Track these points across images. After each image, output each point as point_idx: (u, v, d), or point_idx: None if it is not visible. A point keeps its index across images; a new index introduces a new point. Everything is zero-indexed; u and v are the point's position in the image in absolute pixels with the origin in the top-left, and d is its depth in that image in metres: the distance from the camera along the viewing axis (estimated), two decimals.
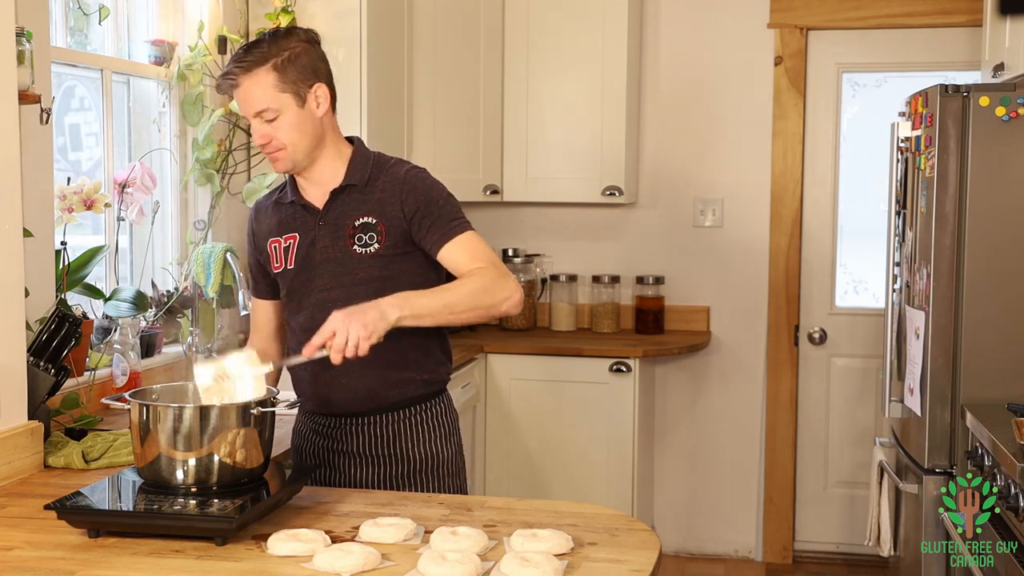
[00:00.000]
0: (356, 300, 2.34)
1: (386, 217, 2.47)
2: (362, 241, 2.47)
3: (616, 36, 4.64)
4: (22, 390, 2.45)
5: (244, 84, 2.41)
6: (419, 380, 2.54)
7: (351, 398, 2.51)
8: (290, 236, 2.54)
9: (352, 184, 2.49)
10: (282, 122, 2.43)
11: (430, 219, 2.46)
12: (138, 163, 3.39)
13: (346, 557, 1.83)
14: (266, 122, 2.43)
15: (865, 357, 4.84)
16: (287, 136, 2.44)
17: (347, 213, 2.49)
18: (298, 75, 2.43)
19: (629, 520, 2.10)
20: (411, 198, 2.47)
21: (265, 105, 2.41)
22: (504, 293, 2.41)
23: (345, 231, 2.48)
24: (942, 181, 3.36)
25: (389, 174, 2.51)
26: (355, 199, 2.49)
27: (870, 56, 4.80)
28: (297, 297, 2.55)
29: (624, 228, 4.98)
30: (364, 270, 2.47)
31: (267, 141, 2.44)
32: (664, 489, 5.01)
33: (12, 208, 2.42)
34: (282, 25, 3.82)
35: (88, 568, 1.84)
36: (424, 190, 2.48)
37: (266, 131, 2.43)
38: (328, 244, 2.49)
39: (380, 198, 2.48)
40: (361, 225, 2.47)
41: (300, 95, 2.43)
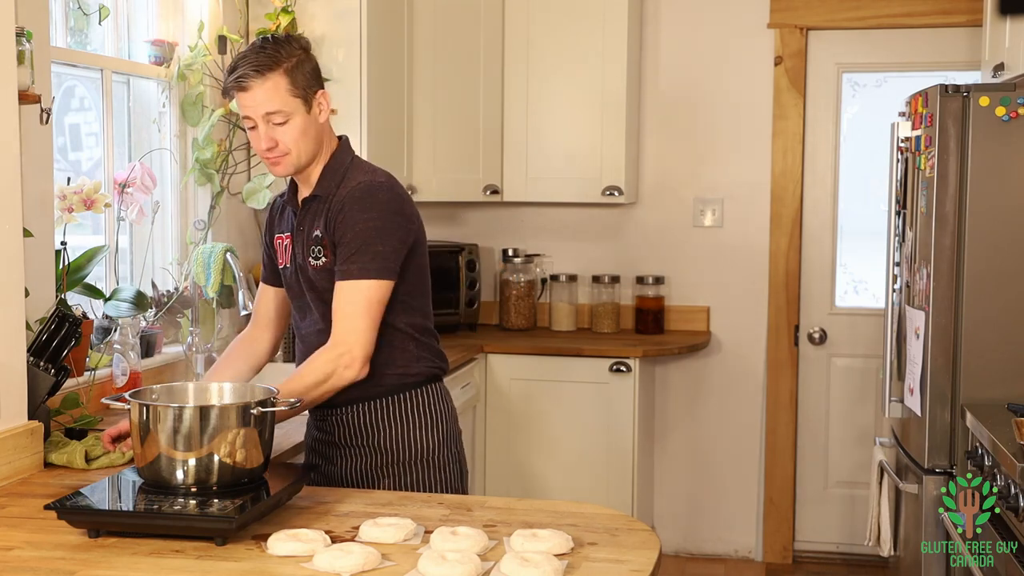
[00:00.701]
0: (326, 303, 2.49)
1: (328, 232, 2.49)
2: (314, 253, 2.51)
3: (616, 36, 4.64)
4: (22, 390, 2.45)
5: (255, 87, 2.41)
6: (392, 374, 2.55)
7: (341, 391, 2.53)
8: (287, 235, 2.61)
9: (317, 195, 2.52)
10: (290, 127, 2.44)
11: (340, 248, 2.46)
12: (138, 163, 3.39)
13: (346, 557, 1.83)
14: (274, 125, 2.43)
15: (865, 357, 4.84)
16: (293, 142, 2.45)
17: (310, 223, 2.53)
18: (305, 80, 2.45)
19: (629, 520, 2.10)
20: (339, 218, 2.47)
21: (277, 108, 2.41)
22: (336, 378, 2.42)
23: (307, 241, 2.53)
24: (942, 181, 3.36)
25: (344, 186, 2.50)
26: (318, 210, 2.52)
27: (870, 56, 4.80)
28: (289, 293, 2.66)
29: (624, 228, 4.98)
30: (319, 280, 2.52)
31: (273, 145, 2.44)
32: (664, 489, 5.01)
33: (12, 208, 2.42)
34: (282, 25, 3.82)
35: (88, 568, 1.84)
36: (351, 216, 2.45)
37: (272, 135, 2.44)
38: (299, 251, 2.56)
39: (329, 210, 2.50)
40: (314, 237, 2.51)
41: (308, 101, 2.45)
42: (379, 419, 2.56)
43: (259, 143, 2.46)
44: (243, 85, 2.41)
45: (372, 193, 2.48)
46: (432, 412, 2.62)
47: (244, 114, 2.46)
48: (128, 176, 3.32)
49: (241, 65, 2.42)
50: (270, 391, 2.19)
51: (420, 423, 2.59)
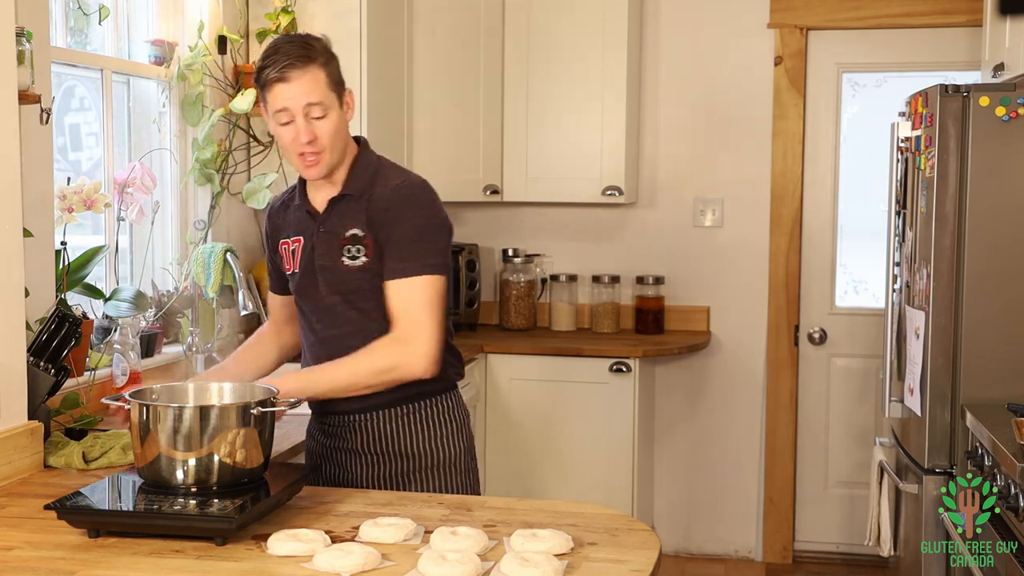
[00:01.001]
0: (354, 306, 2.44)
1: (372, 231, 2.44)
2: (351, 253, 2.44)
3: (616, 36, 4.64)
4: (22, 390, 2.45)
5: (297, 78, 2.35)
6: (424, 381, 2.48)
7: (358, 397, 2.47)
8: (296, 239, 2.54)
9: (348, 194, 2.46)
10: (328, 122, 2.39)
11: (390, 248, 2.42)
12: (138, 163, 3.39)
13: (346, 557, 1.83)
14: (313, 119, 2.37)
15: (865, 357, 4.84)
16: (329, 137, 2.39)
17: (341, 222, 2.46)
18: (337, 76, 2.42)
19: (629, 520, 2.10)
20: (387, 217, 2.43)
21: (319, 99, 2.36)
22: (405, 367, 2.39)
23: (338, 240, 2.46)
24: (942, 181, 3.36)
25: (382, 185, 2.46)
26: (351, 208, 2.46)
27: (870, 56, 4.80)
28: (302, 300, 2.56)
29: (624, 228, 4.98)
30: (353, 281, 2.45)
31: (313, 139, 2.37)
32: (664, 489, 5.01)
33: (12, 208, 2.42)
34: (282, 25, 3.82)
35: (88, 568, 1.84)
36: (401, 215, 2.42)
37: (312, 129, 2.37)
38: (324, 252, 2.48)
39: (370, 209, 2.44)
40: (351, 236, 2.45)
41: (340, 97, 2.42)
42: (408, 424, 2.51)
43: (297, 137, 2.38)
44: (285, 76, 2.34)
45: (417, 192, 2.46)
46: (456, 417, 2.59)
47: (281, 107, 2.37)
48: (128, 176, 3.32)
49: (279, 57, 2.35)
50: (270, 391, 2.19)
51: (447, 428, 2.55)
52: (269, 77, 2.36)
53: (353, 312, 2.47)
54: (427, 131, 4.46)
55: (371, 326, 2.45)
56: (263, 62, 2.39)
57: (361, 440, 2.53)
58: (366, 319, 2.46)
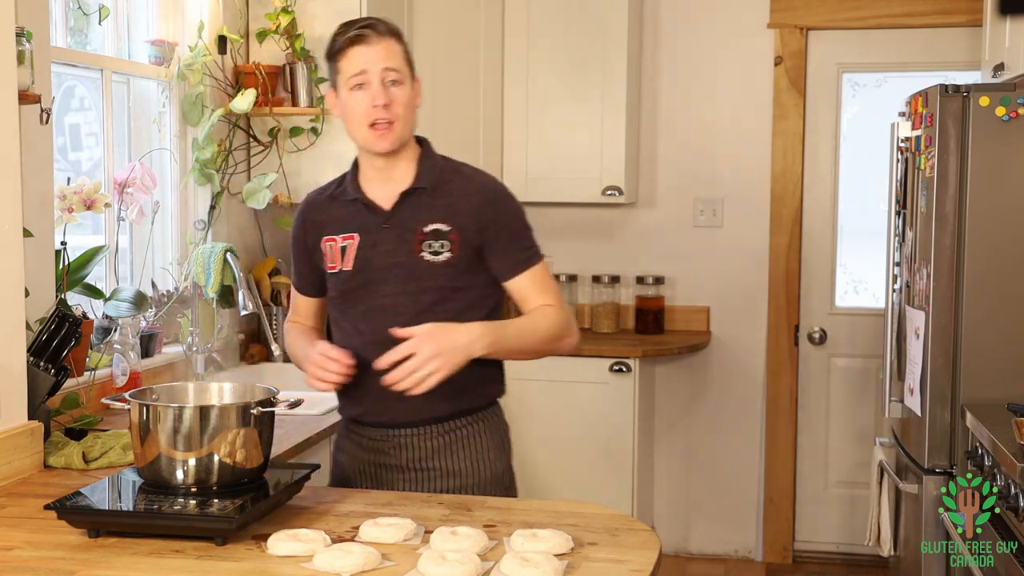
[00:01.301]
0: (423, 308, 2.34)
1: (459, 226, 2.36)
2: (432, 248, 2.35)
3: (616, 36, 4.64)
4: (22, 390, 2.45)
5: (377, 43, 2.31)
6: (474, 391, 2.45)
7: (404, 408, 2.37)
8: (349, 236, 2.41)
9: (422, 187, 2.38)
10: (402, 93, 2.34)
11: (504, 243, 2.38)
12: (138, 163, 3.39)
13: (346, 557, 1.83)
14: (389, 84, 2.32)
15: (865, 357, 4.84)
16: (402, 107, 2.34)
17: (416, 217, 2.36)
18: (410, 60, 2.39)
19: (629, 520, 2.10)
20: (489, 214, 2.37)
21: (397, 65, 2.33)
22: (570, 339, 2.44)
23: (413, 236, 2.35)
24: (942, 181, 3.36)
25: (465, 180, 2.41)
26: (425, 202, 2.37)
27: (870, 56, 4.80)
28: (353, 300, 2.42)
29: (624, 228, 4.98)
30: (432, 278, 2.35)
31: (388, 102, 2.31)
32: (664, 489, 5.01)
33: (12, 208, 2.42)
34: (282, 25, 3.82)
35: (88, 568, 1.84)
36: (503, 208, 2.41)
37: (388, 94, 2.31)
38: (394, 248, 2.37)
39: (453, 204, 2.37)
40: (432, 231, 2.35)
41: (412, 77, 2.39)
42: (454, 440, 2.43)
43: (373, 101, 2.31)
44: (365, 37, 2.30)
45: (500, 185, 2.47)
46: (499, 432, 2.53)
47: (359, 69, 2.31)
48: (128, 176, 3.32)
49: (356, 24, 2.33)
50: (270, 391, 2.19)
51: (491, 443, 2.49)
52: (348, 38, 2.32)
53: (418, 315, 2.33)
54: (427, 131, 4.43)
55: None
56: (338, 32, 2.35)
57: (406, 456, 2.42)
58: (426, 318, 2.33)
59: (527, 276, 2.42)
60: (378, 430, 2.44)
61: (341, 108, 2.38)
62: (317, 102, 3.89)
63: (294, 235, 2.52)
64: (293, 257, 2.55)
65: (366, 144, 2.37)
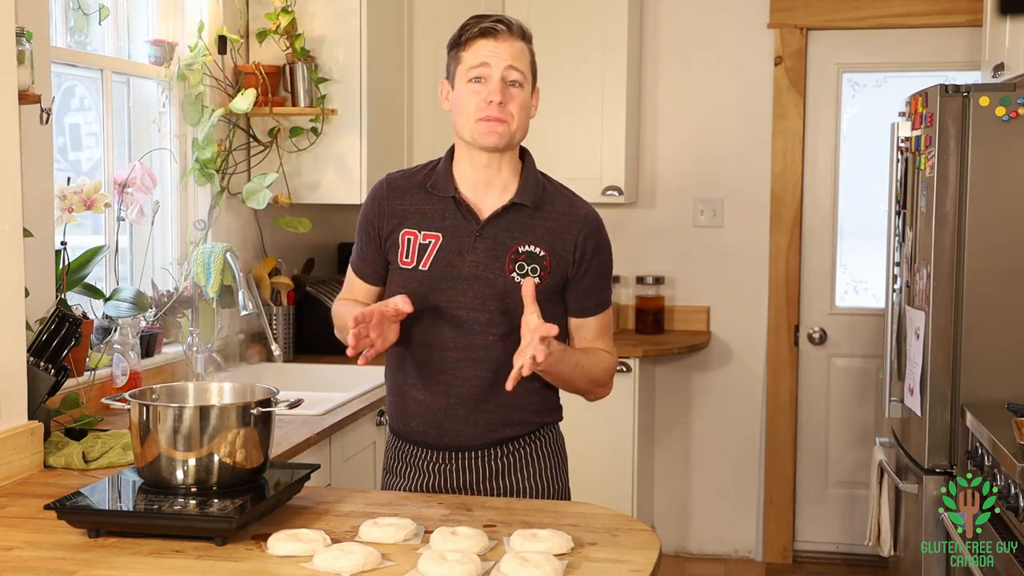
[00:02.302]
0: (499, 328, 2.24)
1: (555, 253, 2.27)
2: (523, 271, 2.25)
3: (616, 36, 4.65)
4: (22, 390, 2.45)
5: (507, 41, 2.23)
6: (536, 422, 2.37)
7: (469, 432, 2.31)
8: (432, 235, 2.28)
9: (523, 204, 2.28)
10: (521, 94, 2.25)
11: (591, 280, 2.31)
12: (138, 163, 3.39)
13: (346, 557, 1.83)
14: (509, 84, 2.23)
15: (865, 357, 4.84)
16: (518, 110, 2.24)
17: (511, 234, 2.27)
18: (535, 68, 2.32)
19: (629, 520, 2.10)
20: (590, 248, 2.30)
21: (522, 66, 2.24)
22: (604, 391, 2.38)
23: (505, 253, 2.25)
24: (942, 181, 3.36)
25: (566, 205, 2.31)
26: (523, 222, 2.27)
27: (870, 56, 4.80)
28: (421, 303, 2.25)
29: (624, 228, 4.98)
30: (516, 301, 2.21)
31: (504, 101, 2.22)
32: (664, 489, 5.01)
33: (12, 208, 2.42)
34: (282, 25, 3.82)
35: (88, 568, 1.84)
36: (602, 245, 2.34)
37: (506, 92, 2.23)
38: (482, 260, 2.26)
39: (552, 229, 2.28)
40: (525, 253, 2.26)
41: (533, 85, 2.31)
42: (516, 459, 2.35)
43: (488, 95, 2.22)
44: (496, 32, 2.22)
45: (600, 218, 2.37)
46: (560, 450, 2.44)
47: (482, 61, 2.23)
48: (128, 176, 3.32)
49: (490, 17, 2.25)
50: (270, 391, 2.19)
51: (551, 461, 2.39)
52: (480, 29, 2.23)
53: (493, 335, 2.26)
54: (427, 131, 4.46)
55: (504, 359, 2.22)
56: (469, 22, 2.27)
57: (468, 478, 2.33)
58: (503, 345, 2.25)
59: (599, 319, 2.35)
60: (436, 452, 2.34)
61: (454, 99, 2.29)
62: (317, 102, 3.89)
63: (366, 216, 2.36)
64: (360, 237, 2.37)
65: (473, 137, 2.25)
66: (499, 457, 2.34)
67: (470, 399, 2.29)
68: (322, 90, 3.91)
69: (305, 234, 4.11)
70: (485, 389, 2.29)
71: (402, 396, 2.37)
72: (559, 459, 2.42)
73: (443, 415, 2.31)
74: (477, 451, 2.33)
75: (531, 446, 2.36)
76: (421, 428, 2.34)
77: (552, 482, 2.38)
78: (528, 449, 2.36)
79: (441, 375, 2.30)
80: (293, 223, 3.95)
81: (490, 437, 2.32)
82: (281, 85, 3.92)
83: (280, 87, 3.92)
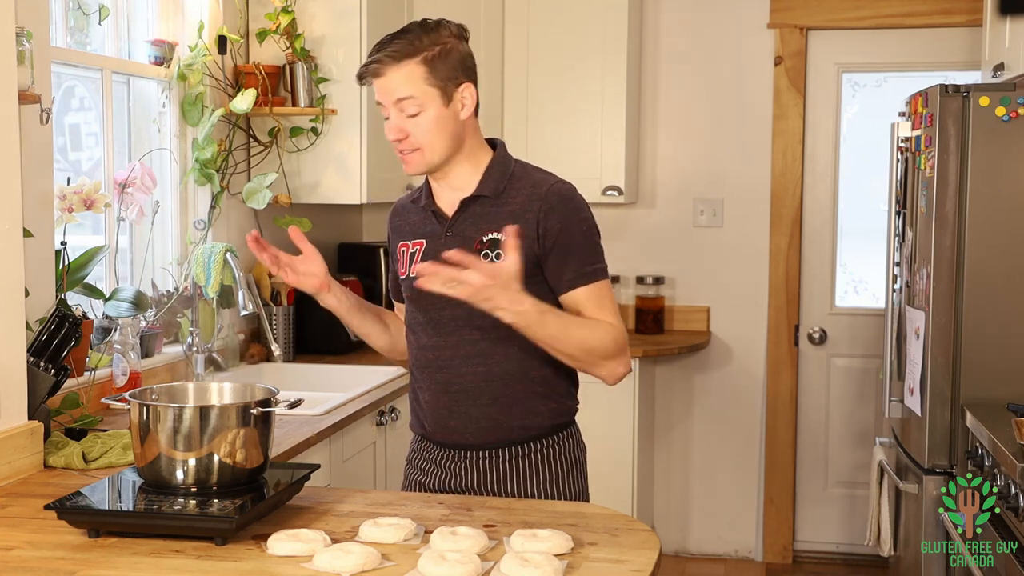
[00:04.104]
0: (482, 321, 2.21)
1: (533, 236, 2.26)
2: (488, 258, 2.25)
3: (616, 36, 4.64)
4: (22, 390, 2.45)
5: (389, 73, 2.22)
6: (545, 410, 2.33)
7: (473, 428, 2.32)
8: (418, 242, 2.36)
9: (484, 195, 2.29)
10: (423, 119, 2.23)
11: (565, 253, 2.28)
12: (138, 163, 3.39)
13: (346, 557, 1.83)
14: (406, 116, 2.23)
15: (865, 357, 4.84)
16: (425, 136, 2.24)
17: (476, 225, 2.29)
18: (448, 72, 2.24)
19: (629, 520, 2.10)
20: (550, 221, 2.27)
21: (409, 94, 2.21)
22: (615, 366, 2.27)
23: (472, 245, 2.26)
24: (942, 181, 3.36)
25: (531, 186, 2.31)
26: (486, 211, 2.29)
27: (870, 56, 4.80)
28: (417, 308, 2.35)
29: (624, 228, 4.98)
30: None
31: (403, 137, 2.24)
32: (664, 489, 5.01)
33: (12, 208, 2.42)
34: (282, 25, 3.82)
35: (88, 568, 1.84)
36: (567, 215, 2.29)
37: (403, 126, 2.23)
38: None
39: (514, 211, 2.28)
40: (489, 241, 2.27)
41: (447, 93, 2.24)
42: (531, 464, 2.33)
43: (387, 134, 2.27)
44: (377, 71, 2.23)
45: (575, 193, 2.34)
46: (576, 455, 2.41)
47: (377, 100, 2.27)
48: (128, 176, 3.32)
49: (377, 50, 2.24)
50: (270, 391, 2.19)
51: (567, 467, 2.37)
52: (362, 72, 2.26)
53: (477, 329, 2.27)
54: None
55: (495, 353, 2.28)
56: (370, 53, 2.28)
57: (479, 478, 2.33)
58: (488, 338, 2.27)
59: (585, 291, 2.29)
60: (448, 451, 2.36)
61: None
62: (317, 102, 3.89)
63: (388, 240, 2.50)
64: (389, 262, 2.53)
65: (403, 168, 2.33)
66: (511, 459, 2.33)
67: (467, 395, 2.31)
68: (322, 90, 3.91)
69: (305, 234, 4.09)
70: (480, 384, 2.30)
71: (416, 397, 2.43)
72: (576, 464, 2.39)
73: (448, 413, 2.34)
74: (487, 450, 2.33)
75: (548, 451, 2.35)
76: (431, 427, 2.38)
77: (569, 488, 2.37)
78: (544, 454, 2.35)
79: (439, 374, 2.34)
80: (293, 223, 3.94)
81: (496, 435, 2.32)
82: (281, 85, 3.92)
83: (280, 87, 3.92)
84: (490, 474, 2.34)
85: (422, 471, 2.42)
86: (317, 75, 3.90)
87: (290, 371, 3.92)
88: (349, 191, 3.94)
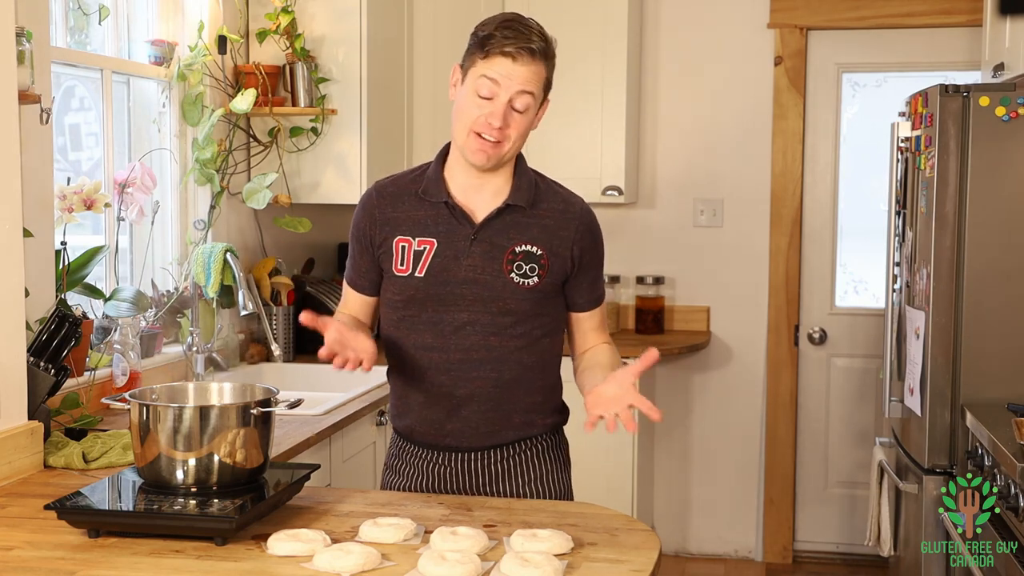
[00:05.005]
0: (498, 329, 2.24)
1: (552, 251, 2.26)
2: (522, 271, 2.23)
3: (616, 36, 4.64)
4: (22, 390, 2.45)
5: (527, 64, 2.20)
6: (540, 423, 2.35)
7: (471, 432, 2.30)
8: (426, 240, 2.26)
9: (518, 204, 2.26)
10: (523, 119, 2.22)
11: (587, 277, 2.34)
12: (138, 163, 3.39)
13: (346, 557, 1.83)
14: (512, 109, 2.20)
15: (865, 357, 4.84)
16: (518, 134, 2.22)
17: (506, 235, 2.25)
18: (550, 82, 2.30)
19: (629, 520, 2.10)
20: (586, 243, 2.30)
21: (533, 90, 2.21)
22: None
23: (502, 255, 2.24)
24: (942, 181, 3.36)
25: (559, 202, 2.30)
26: (518, 222, 2.26)
27: (870, 56, 4.80)
28: (419, 309, 2.27)
29: (624, 228, 4.98)
30: (516, 301, 2.24)
31: (504, 126, 2.19)
32: (664, 489, 5.01)
33: (12, 208, 2.42)
34: (282, 25, 3.82)
35: (88, 568, 1.84)
36: (595, 241, 2.34)
37: (509, 117, 2.20)
38: (479, 263, 2.24)
39: (548, 227, 2.27)
40: (523, 253, 2.24)
41: (539, 103, 2.27)
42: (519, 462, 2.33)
43: (490, 117, 2.18)
44: (520, 55, 2.18)
45: (595, 218, 2.37)
46: (562, 453, 2.42)
47: (494, 78, 2.18)
48: (128, 176, 3.32)
49: (523, 34, 2.19)
50: (270, 391, 2.19)
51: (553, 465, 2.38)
52: (502, 47, 2.17)
53: (494, 336, 2.26)
54: (427, 132, 4.46)
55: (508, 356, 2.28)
56: (497, 28, 2.20)
57: (469, 480, 2.33)
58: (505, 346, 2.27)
59: (595, 312, 2.40)
60: (438, 453, 2.33)
61: (458, 98, 2.25)
62: (317, 102, 3.89)
63: (357, 226, 2.33)
64: (353, 249, 2.35)
65: (463, 149, 2.24)
66: (499, 460, 2.33)
67: (473, 401, 2.29)
68: (322, 90, 3.91)
69: (305, 234, 4.11)
70: (489, 389, 2.29)
71: (404, 398, 2.36)
72: (562, 463, 2.41)
73: (445, 416, 2.31)
74: (478, 452, 2.32)
75: (533, 450, 2.35)
76: (423, 429, 2.34)
77: (554, 486, 2.37)
78: (530, 453, 2.35)
79: (444, 377, 2.29)
80: (293, 223, 3.95)
81: (492, 439, 2.31)
82: (281, 85, 3.92)
83: (280, 87, 3.92)
84: (475, 476, 2.33)
85: (401, 475, 2.38)
86: (317, 75, 3.90)
87: (290, 371, 3.92)
88: (349, 191, 3.94)
